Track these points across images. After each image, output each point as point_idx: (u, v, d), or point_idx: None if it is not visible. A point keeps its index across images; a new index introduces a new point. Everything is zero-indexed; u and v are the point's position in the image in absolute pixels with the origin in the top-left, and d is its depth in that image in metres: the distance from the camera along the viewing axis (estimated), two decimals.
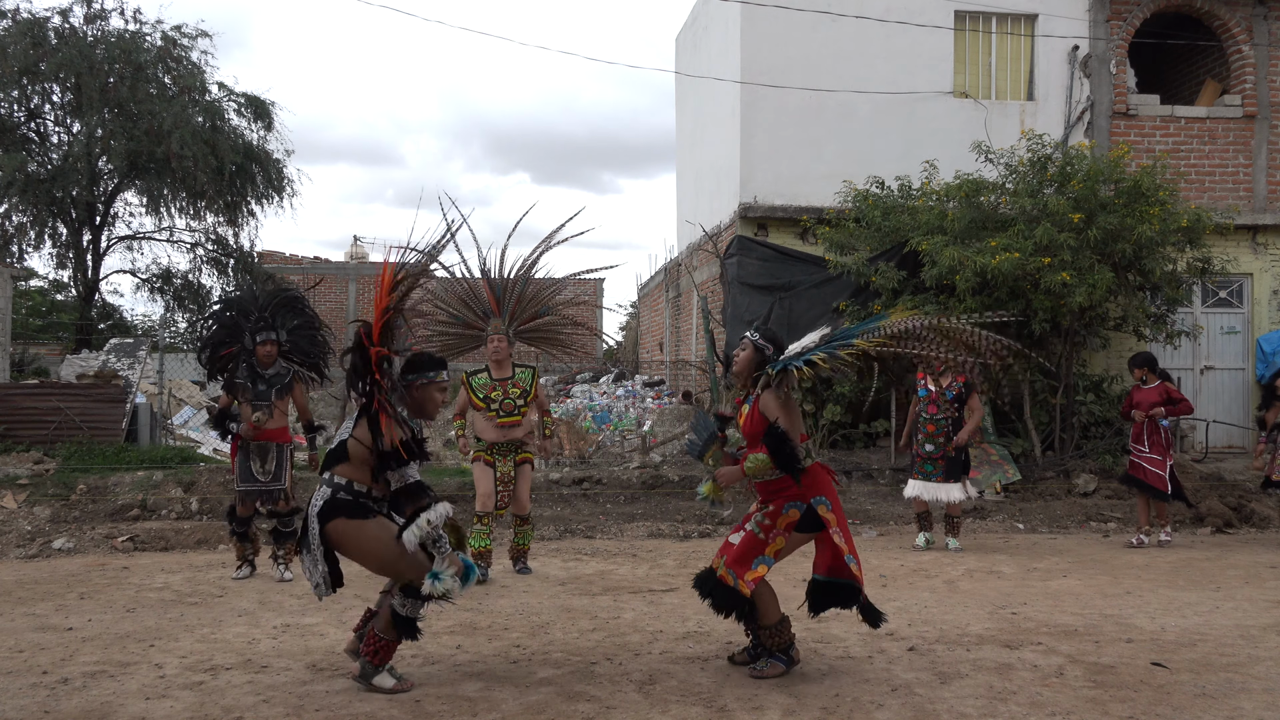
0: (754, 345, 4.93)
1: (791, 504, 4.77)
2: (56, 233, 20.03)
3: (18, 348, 18.93)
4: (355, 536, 4.47)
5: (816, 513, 4.75)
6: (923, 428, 8.55)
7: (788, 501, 4.77)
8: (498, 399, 7.13)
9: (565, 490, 10.69)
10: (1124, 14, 13.77)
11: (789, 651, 4.84)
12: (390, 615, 4.55)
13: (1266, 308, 13.90)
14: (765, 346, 4.91)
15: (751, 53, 13.40)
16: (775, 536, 4.77)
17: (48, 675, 4.81)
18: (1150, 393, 8.95)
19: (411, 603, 4.51)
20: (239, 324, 7.17)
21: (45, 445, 11.69)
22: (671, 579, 7.29)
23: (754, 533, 4.81)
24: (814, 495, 4.77)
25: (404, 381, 4.61)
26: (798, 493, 4.77)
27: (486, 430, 7.15)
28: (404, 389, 4.62)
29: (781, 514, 4.77)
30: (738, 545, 4.82)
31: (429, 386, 4.65)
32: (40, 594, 6.81)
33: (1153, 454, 8.89)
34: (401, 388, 4.60)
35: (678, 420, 14.09)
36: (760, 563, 4.75)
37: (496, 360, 7.24)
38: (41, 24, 18.83)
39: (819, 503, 4.77)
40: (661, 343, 19.69)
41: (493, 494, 7.14)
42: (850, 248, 12.05)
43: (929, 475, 8.50)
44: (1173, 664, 5.01)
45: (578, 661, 5.03)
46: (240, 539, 7.30)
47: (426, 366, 4.66)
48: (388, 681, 4.53)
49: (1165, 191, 10.95)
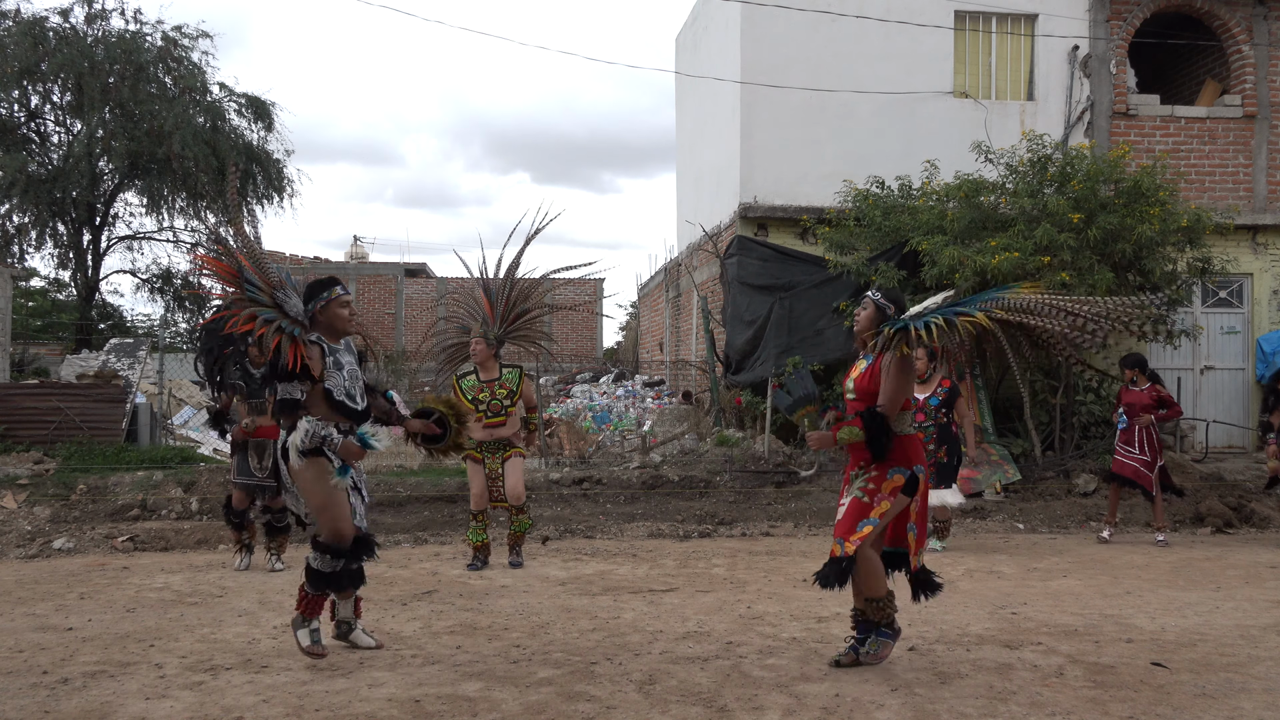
0: (875, 304, 4.93)
1: (897, 469, 4.81)
2: (57, 233, 20.05)
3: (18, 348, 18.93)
4: (298, 475, 4.89)
5: (919, 479, 4.83)
6: None
7: (892, 466, 4.82)
8: (485, 400, 7.48)
9: (565, 490, 10.69)
10: (1124, 14, 13.77)
11: (892, 625, 4.91)
12: (307, 570, 4.94)
13: (1266, 308, 13.90)
14: (886, 306, 4.92)
15: (751, 53, 13.40)
16: (880, 500, 4.81)
17: (48, 675, 4.81)
18: (1141, 394, 8.91)
19: (325, 557, 4.89)
20: None
21: (45, 445, 11.69)
22: (671, 579, 7.29)
23: (858, 499, 4.84)
24: (917, 463, 4.85)
25: (308, 310, 4.92)
26: (903, 457, 4.82)
27: (475, 429, 7.40)
28: (310, 317, 4.92)
29: (886, 478, 4.81)
30: (844, 515, 4.85)
31: (330, 305, 4.94)
32: (40, 594, 6.82)
33: (1142, 455, 8.87)
34: (307, 317, 4.91)
35: (678, 420, 14.09)
36: (866, 524, 4.78)
37: (480, 363, 7.59)
38: (42, 24, 18.86)
39: (921, 471, 4.85)
40: (661, 343, 19.69)
41: (484, 493, 7.48)
42: (850, 248, 12.06)
43: None
44: (1173, 664, 5.01)
45: (578, 661, 5.03)
46: (236, 527, 7.66)
47: (320, 289, 4.96)
48: (305, 639, 4.89)
49: (1165, 191, 10.94)
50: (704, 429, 13.40)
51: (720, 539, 9.27)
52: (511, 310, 7.84)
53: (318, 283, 5.00)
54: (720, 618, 5.98)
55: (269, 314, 4.78)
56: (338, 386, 4.89)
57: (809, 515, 10.11)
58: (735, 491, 10.87)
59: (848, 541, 4.75)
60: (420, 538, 9.11)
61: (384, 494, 10.27)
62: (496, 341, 7.69)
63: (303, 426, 4.80)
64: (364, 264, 29.79)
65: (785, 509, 10.34)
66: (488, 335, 7.62)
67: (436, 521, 9.57)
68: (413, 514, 9.85)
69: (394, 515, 9.77)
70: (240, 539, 7.69)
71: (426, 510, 9.92)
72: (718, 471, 11.29)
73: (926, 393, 8.37)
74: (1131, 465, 8.96)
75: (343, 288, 5.02)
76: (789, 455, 11.66)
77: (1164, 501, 9.14)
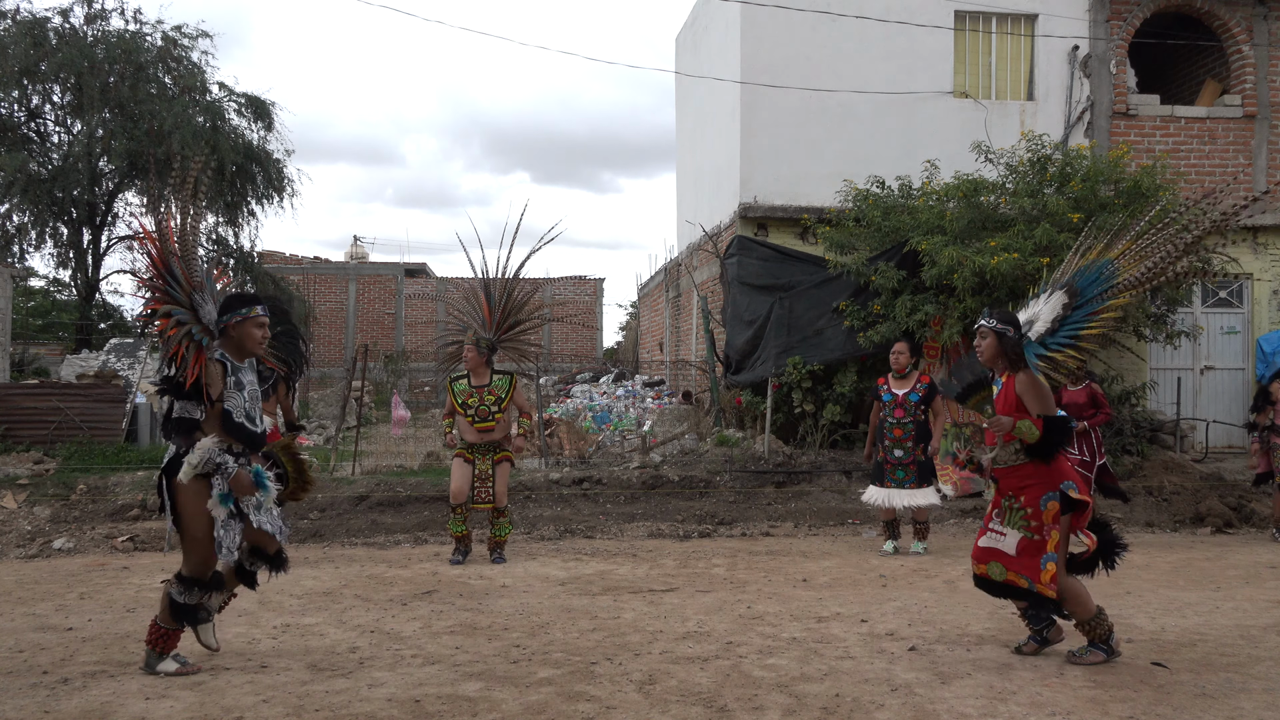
0: (995, 332, 5.04)
1: (1048, 496, 4.91)
2: (57, 233, 20.04)
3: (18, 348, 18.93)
4: (180, 498, 4.73)
5: (1069, 496, 4.91)
6: (889, 433, 8.29)
7: (1043, 494, 4.92)
8: (474, 405, 7.75)
9: (565, 490, 10.69)
10: (1124, 14, 13.77)
11: (1109, 641, 5.00)
12: (168, 603, 4.75)
13: (1266, 308, 13.90)
14: (1005, 330, 5.03)
15: (751, 53, 13.40)
16: (1050, 531, 4.91)
17: (48, 675, 4.81)
18: (1078, 393, 8.79)
19: (188, 590, 4.74)
20: None
21: (45, 445, 11.69)
22: (671, 579, 7.29)
23: (1028, 538, 4.93)
24: (1062, 481, 4.93)
25: (220, 323, 4.77)
26: (1047, 483, 4.92)
27: (467, 431, 7.77)
28: (221, 331, 4.78)
29: (1042, 509, 4.92)
30: (1015, 554, 4.94)
31: (245, 324, 4.81)
32: (40, 594, 6.82)
33: (1083, 457, 8.70)
34: (218, 330, 4.76)
35: (678, 420, 14.09)
36: (1048, 560, 4.89)
37: (471, 368, 7.83)
38: (42, 24, 18.84)
39: (1068, 487, 4.92)
40: (661, 343, 19.70)
41: (464, 489, 7.75)
42: (850, 248, 12.06)
43: (901, 482, 8.25)
44: (1173, 664, 5.01)
45: (578, 661, 5.03)
46: None
47: (238, 304, 4.83)
48: (171, 666, 4.75)
49: (1165, 191, 10.94)
50: (704, 429, 13.40)
51: (720, 539, 9.27)
52: (506, 319, 8.01)
53: (237, 297, 4.89)
54: (720, 618, 5.98)
55: (182, 315, 4.65)
56: (237, 408, 4.75)
57: (809, 515, 10.12)
58: (735, 491, 10.87)
59: (1040, 585, 4.86)
60: (420, 538, 9.11)
61: (384, 494, 10.27)
62: (489, 349, 7.88)
63: (200, 448, 4.63)
64: (364, 264, 29.77)
65: (785, 509, 10.34)
66: (479, 342, 7.83)
67: (436, 521, 9.57)
68: (413, 514, 9.85)
69: (394, 515, 9.77)
70: None
71: (426, 510, 9.91)
72: (718, 471, 11.28)
73: (906, 388, 8.35)
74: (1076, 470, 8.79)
75: (263, 308, 4.90)
76: (789, 455, 11.67)
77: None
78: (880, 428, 8.41)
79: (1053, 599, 4.89)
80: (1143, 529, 9.89)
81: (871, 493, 8.41)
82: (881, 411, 8.41)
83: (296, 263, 28.55)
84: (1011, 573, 4.94)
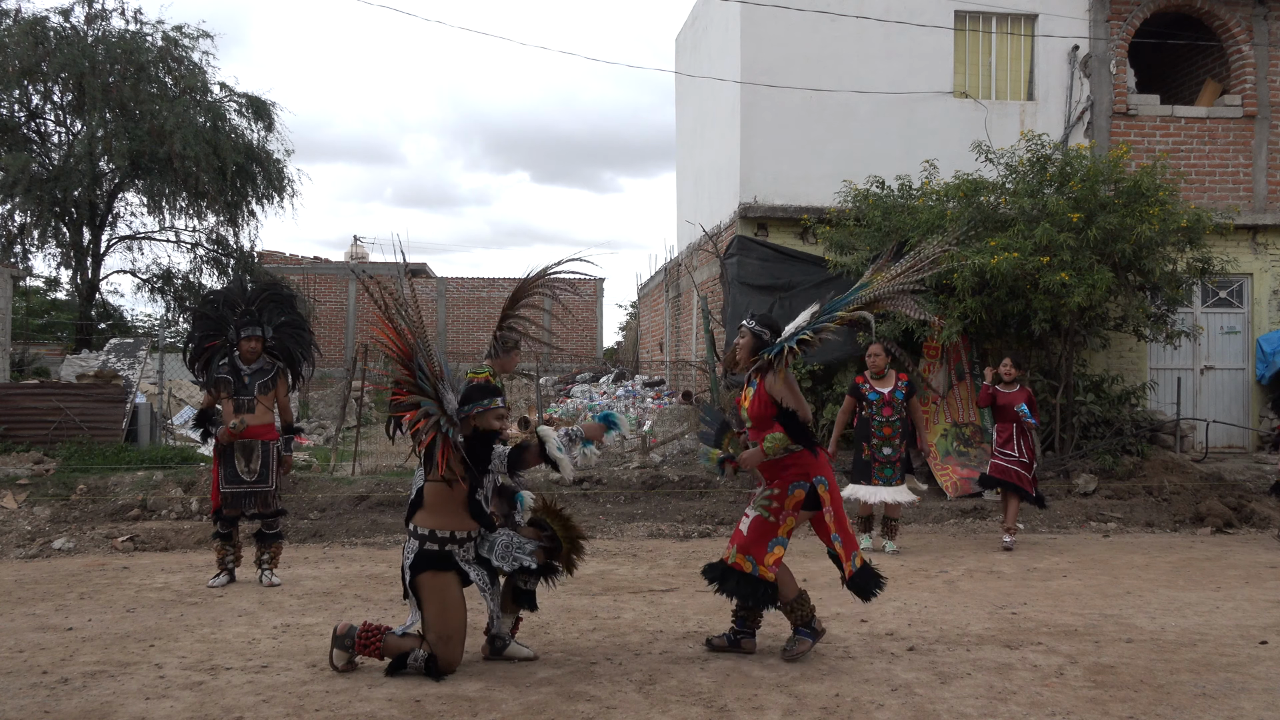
0: (752, 333, 5.22)
1: (796, 484, 5.05)
2: (58, 233, 20.05)
3: (18, 348, 18.93)
4: (437, 590, 4.77)
5: (817, 491, 5.04)
6: (878, 431, 8.30)
7: (792, 481, 5.05)
8: None
9: (565, 490, 10.69)
10: (1124, 14, 13.77)
11: (811, 624, 5.09)
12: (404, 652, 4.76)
13: (1266, 308, 13.90)
14: (762, 332, 5.20)
15: (751, 53, 13.40)
16: (785, 517, 5.05)
17: (48, 675, 4.81)
18: (1014, 395, 8.76)
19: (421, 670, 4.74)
20: (224, 317, 7.09)
21: (45, 445, 11.69)
22: (671, 579, 7.29)
23: (762, 516, 5.06)
24: (816, 475, 5.06)
25: (461, 414, 4.81)
26: (801, 472, 5.04)
27: None
28: (463, 420, 4.81)
29: (788, 494, 5.05)
30: (748, 531, 5.07)
31: (488, 414, 4.86)
32: (40, 594, 6.82)
33: (1022, 458, 8.71)
34: (460, 419, 4.80)
35: (678, 420, 14.08)
36: (776, 544, 5.03)
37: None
38: (42, 24, 18.86)
39: (820, 482, 5.05)
40: (661, 343, 19.70)
41: None
42: (850, 248, 12.06)
43: (889, 480, 8.28)
44: (1173, 664, 5.02)
45: (578, 661, 5.03)
46: (224, 540, 7.06)
47: (480, 396, 4.86)
48: (342, 661, 4.81)
49: (1165, 191, 10.94)
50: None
51: (720, 539, 9.27)
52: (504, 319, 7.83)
53: (479, 389, 4.92)
54: (720, 618, 5.98)
55: (430, 407, 4.73)
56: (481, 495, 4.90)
57: None
58: (735, 491, 10.87)
59: (763, 566, 4.99)
60: None
61: (384, 494, 10.28)
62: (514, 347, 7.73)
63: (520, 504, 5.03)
64: (364, 264, 29.76)
65: None
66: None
67: None
68: None
69: (394, 515, 9.76)
70: (223, 557, 7.06)
71: None
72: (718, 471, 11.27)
73: (889, 387, 8.38)
74: (1016, 471, 8.70)
75: (502, 399, 4.95)
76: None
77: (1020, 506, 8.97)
78: (866, 426, 8.42)
79: (769, 583, 4.98)
80: (1143, 529, 9.89)
81: (858, 490, 8.40)
82: (867, 410, 8.41)
83: (296, 263, 28.55)
84: (740, 555, 5.03)
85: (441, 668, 4.72)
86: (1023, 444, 8.75)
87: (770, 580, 5.00)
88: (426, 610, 4.76)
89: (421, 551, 4.79)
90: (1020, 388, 8.83)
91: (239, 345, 7.00)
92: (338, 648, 4.82)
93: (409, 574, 4.82)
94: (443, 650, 4.72)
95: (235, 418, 6.89)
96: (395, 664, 4.77)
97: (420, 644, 4.76)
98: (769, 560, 5.00)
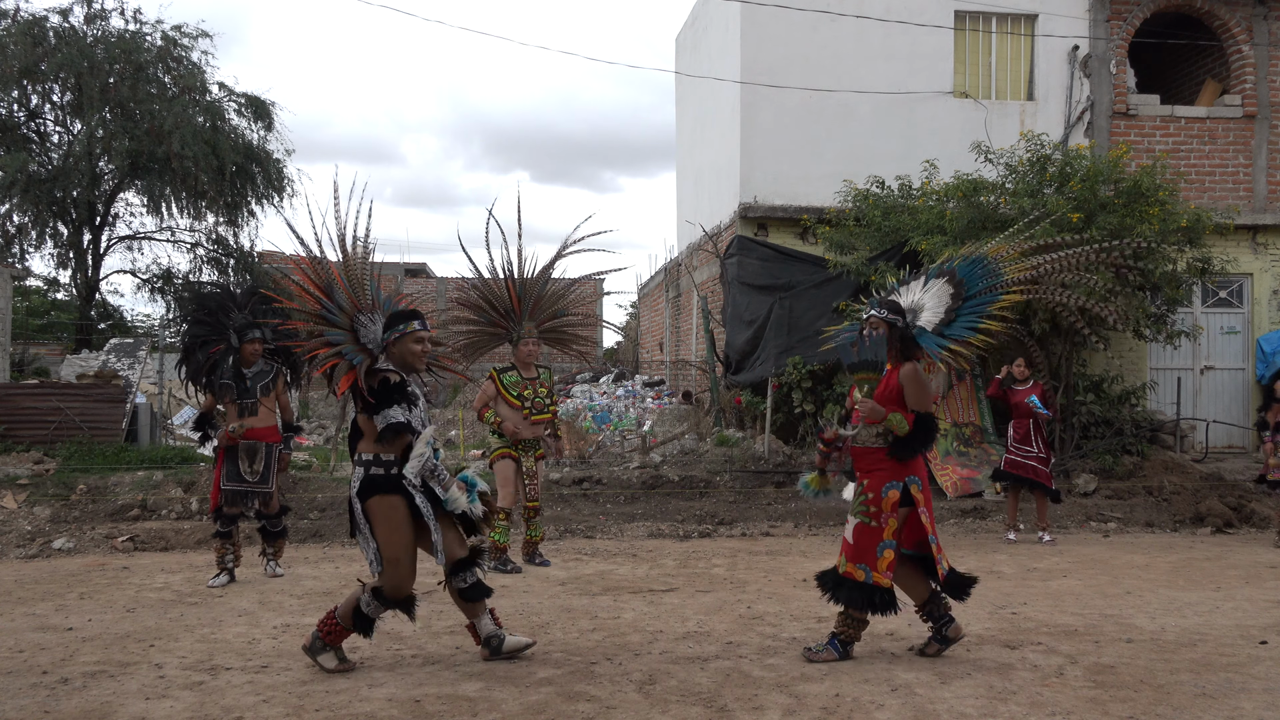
0: (886, 322, 5.11)
1: (890, 484, 4.98)
2: (57, 233, 20.04)
3: (18, 348, 18.93)
4: (385, 511, 4.67)
5: (909, 491, 4.98)
6: None
7: (886, 482, 4.99)
8: (529, 397, 7.55)
9: (565, 490, 10.69)
10: (1124, 14, 13.77)
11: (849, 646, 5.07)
12: (354, 607, 4.76)
13: (1266, 308, 13.90)
14: (896, 319, 5.11)
15: (751, 53, 13.40)
16: (886, 520, 4.97)
17: (48, 675, 4.81)
18: (1029, 390, 8.95)
19: (376, 605, 4.76)
20: (222, 322, 7.10)
21: (45, 445, 11.68)
22: (671, 579, 7.29)
23: (864, 523, 5.00)
24: (909, 474, 5.00)
25: (383, 339, 4.79)
26: (894, 472, 4.98)
27: (523, 427, 7.50)
28: (384, 346, 4.80)
29: (882, 496, 4.98)
30: (854, 539, 5.02)
31: (405, 339, 4.77)
32: (40, 594, 6.82)
33: (1040, 454, 8.92)
34: (382, 346, 4.79)
35: (678, 420, 14.09)
36: (884, 548, 4.96)
37: (526, 362, 7.62)
38: (42, 24, 18.85)
39: (912, 481, 5.00)
40: (661, 343, 19.69)
41: (518, 491, 7.56)
42: (850, 247, 12.06)
43: None
44: (1173, 664, 5.01)
45: (578, 661, 5.03)
46: (224, 539, 7.08)
47: (400, 320, 4.80)
48: (331, 661, 4.80)
49: (1165, 191, 10.94)
50: (704, 429, 13.40)
51: (720, 539, 9.27)
52: (543, 310, 7.72)
53: (397, 314, 4.84)
54: (720, 618, 5.98)
55: (337, 336, 4.72)
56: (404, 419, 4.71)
57: (809, 515, 10.11)
58: (735, 491, 10.87)
59: (876, 573, 4.93)
60: None
61: None
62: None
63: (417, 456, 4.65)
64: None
65: (785, 509, 10.34)
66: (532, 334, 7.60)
67: None
68: None
69: None
70: (223, 556, 7.08)
71: None
72: (718, 471, 11.28)
73: None
74: (1034, 466, 8.93)
75: (420, 322, 4.81)
76: (789, 455, 11.66)
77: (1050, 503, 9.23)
78: None
79: (887, 589, 4.95)
80: (1143, 529, 9.89)
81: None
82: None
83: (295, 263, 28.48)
84: (851, 564, 4.99)
85: (388, 593, 4.71)
86: (1039, 440, 8.94)
87: (886, 586, 4.94)
88: (378, 533, 4.69)
89: (368, 476, 4.70)
90: (1034, 383, 9.07)
91: (240, 349, 7.03)
92: (316, 656, 4.82)
93: (358, 503, 4.72)
94: (390, 573, 4.68)
95: (237, 421, 6.95)
96: (358, 622, 4.77)
97: (363, 589, 4.78)
98: (882, 566, 4.94)
